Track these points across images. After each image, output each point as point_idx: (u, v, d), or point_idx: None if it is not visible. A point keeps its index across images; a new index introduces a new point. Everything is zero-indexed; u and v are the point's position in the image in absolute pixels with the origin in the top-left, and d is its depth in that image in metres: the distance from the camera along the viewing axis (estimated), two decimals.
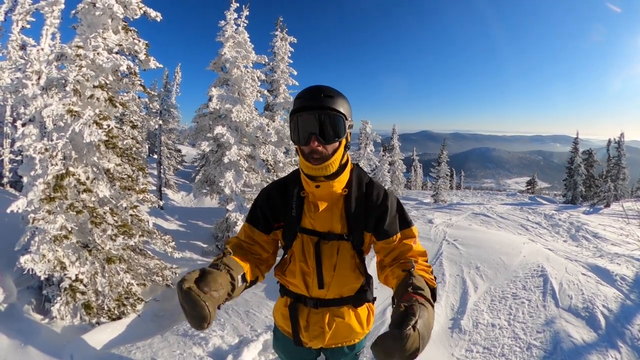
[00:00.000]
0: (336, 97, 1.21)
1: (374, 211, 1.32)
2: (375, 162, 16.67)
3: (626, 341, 3.05)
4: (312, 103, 1.19)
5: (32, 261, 4.19)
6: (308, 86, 1.26)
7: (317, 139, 1.19)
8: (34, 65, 4.64)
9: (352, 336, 1.43)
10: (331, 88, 1.23)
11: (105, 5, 4.90)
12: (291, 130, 1.26)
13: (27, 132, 4.35)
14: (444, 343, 3.29)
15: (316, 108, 1.19)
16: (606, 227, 9.57)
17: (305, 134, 1.20)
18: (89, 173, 4.87)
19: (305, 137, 1.20)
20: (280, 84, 11.36)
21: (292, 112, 1.24)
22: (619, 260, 5.30)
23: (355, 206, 1.30)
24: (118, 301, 4.76)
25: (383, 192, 1.35)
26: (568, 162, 21.62)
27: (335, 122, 1.20)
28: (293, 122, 1.24)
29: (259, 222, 1.38)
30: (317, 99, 1.19)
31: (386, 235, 1.30)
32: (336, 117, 1.20)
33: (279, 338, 1.53)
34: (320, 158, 1.21)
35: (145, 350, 3.26)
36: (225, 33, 8.37)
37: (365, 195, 1.33)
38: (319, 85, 1.24)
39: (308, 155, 1.22)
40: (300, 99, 1.22)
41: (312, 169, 1.22)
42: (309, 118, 1.19)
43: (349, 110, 1.25)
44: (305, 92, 1.23)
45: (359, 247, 1.33)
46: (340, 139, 1.22)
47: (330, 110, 1.19)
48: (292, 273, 1.37)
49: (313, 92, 1.21)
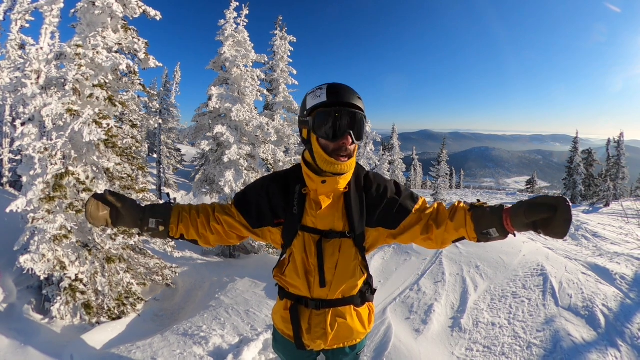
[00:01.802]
0: (362, 99, 1.25)
1: (376, 205, 1.32)
2: (375, 161, 16.68)
3: (626, 340, 3.06)
4: (351, 100, 1.20)
5: (31, 261, 4.18)
6: (333, 83, 1.24)
7: (351, 136, 1.19)
8: (33, 64, 4.62)
9: (353, 336, 1.42)
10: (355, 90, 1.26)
11: (104, 4, 4.88)
12: (320, 122, 1.20)
13: (27, 132, 4.34)
14: (444, 342, 3.29)
15: (354, 107, 1.20)
16: (606, 227, 9.58)
17: (341, 130, 1.19)
18: (88, 172, 4.86)
19: (340, 134, 1.19)
20: (280, 83, 11.34)
21: (326, 104, 1.19)
22: (619, 260, 5.31)
23: (355, 203, 1.30)
24: (118, 301, 4.76)
25: (382, 182, 1.35)
26: (568, 162, 21.66)
27: (364, 124, 1.24)
28: (325, 114, 1.19)
29: (251, 215, 1.35)
30: (352, 97, 1.20)
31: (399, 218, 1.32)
32: (364, 119, 1.23)
33: (279, 341, 1.52)
34: (347, 156, 1.22)
35: (146, 350, 3.26)
36: (225, 32, 8.35)
37: (365, 190, 1.33)
38: (347, 85, 1.24)
39: (334, 152, 1.21)
40: (335, 94, 1.20)
41: (335, 164, 1.20)
42: (348, 115, 1.19)
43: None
44: (337, 88, 1.21)
45: (360, 244, 1.32)
46: (362, 141, 1.26)
47: (362, 111, 1.22)
48: (293, 273, 1.35)
49: (347, 89, 1.22)
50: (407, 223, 1.33)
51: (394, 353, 2.99)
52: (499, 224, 1.15)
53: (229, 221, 1.35)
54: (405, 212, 1.32)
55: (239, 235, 1.39)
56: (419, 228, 1.32)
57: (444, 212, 1.32)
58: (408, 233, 1.34)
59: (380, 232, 1.36)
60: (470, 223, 1.22)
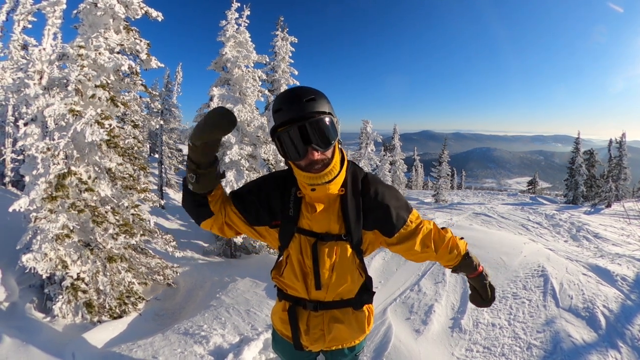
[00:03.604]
0: (317, 97, 1.11)
1: (373, 209, 1.29)
2: (376, 162, 16.66)
3: (626, 341, 3.05)
4: (297, 113, 1.08)
5: (34, 260, 4.21)
6: (281, 93, 1.15)
7: (314, 148, 1.10)
8: (36, 65, 4.65)
9: (352, 338, 1.42)
10: (307, 88, 1.13)
11: (106, 5, 4.91)
12: (281, 148, 1.14)
13: (29, 132, 4.37)
14: (444, 342, 3.29)
15: (303, 117, 1.08)
16: (607, 228, 9.55)
17: (300, 147, 1.10)
18: (90, 172, 4.89)
19: (302, 151, 1.11)
20: (281, 83, 11.34)
21: (275, 128, 1.13)
22: (620, 261, 5.29)
23: (352, 205, 1.26)
24: (119, 300, 4.78)
25: (380, 187, 1.31)
26: (569, 162, 21.59)
27: (327, 125, 1.11)
28: (281, 139, 1.12)
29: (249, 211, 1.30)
30: (300, 106, 1.08)
31: (396, 227, 1.31)
32: (325, 120, 1.10)
33: (278, 341, 1.51)
34: (323, 165, 1.14)
35: (147, 349, 3.27)
36: (227, 33, 8.38)
37: (362, 193, 1.29)
38: (295, 89, 1.14)
39: (308, 167, 1.14)
40: (281, 111, 1.10)
41: (316, 177, 1.14)
42: (299, 130, 1.08)
43: (330, 105, 1.15)
44: (283, 101, 1.11)
45: (357, 247, 1.30)
46: (335, 141, 1.14)
47: (318, 114, 1.09)
48: (290, 274, 1.34)
49: (292, 98, 1.10)
50: (402, 235, 1.32)
51: (393, 353, 2.99)
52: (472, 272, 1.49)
53: (230, 212, 1.31)
54: (402, 221, 1.31)
55: (237, 231, 1.34)
56: (415, 244, 1.34)
57: (442, 235, 1.40)
58: (403, 245, 1.33)
59: (377, 235, 1.34)
60: (458, 263, 1.44)
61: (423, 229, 1.35)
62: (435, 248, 1.37)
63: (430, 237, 1.37)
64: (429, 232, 1.37)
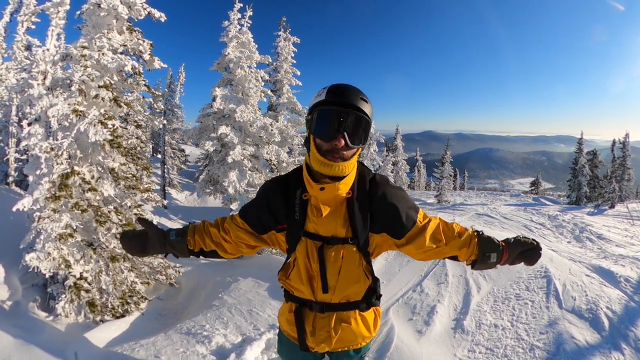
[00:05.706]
0: (369, 102, 1.17)
1: (382, 211, 1.28)
2: (378, 162, 16.65)
3: (630, 343, 3.03)
4: (351, 100, 1.13)
5: (37, 259, 4.23)
6: (340, 83, 1.19)
7: (344, 138, 1.13)
8: (40, 65, 4.68)
9: (358, 340, 1.41)
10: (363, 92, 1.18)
11: (110, 6, 4.93)
12: (316, 121, 1.16)
13: (33, 132, 4.39)
14: (446, 343, 3.29)
15: (352, 107, 1.13)
16: (610, 229, 9.50)
17: (334, 130, 1.13)
18: (93, 172, 4.91)
19: (333, 134, 1.13)
20: (284, 84, 11.35)
21: (322, 102, 1.15)
22: (623, 262, 5.27)
23: (359, 208, 1.26)
24: (122, 299, 4.79)
25: (388, 188, 1.31)
26: (572, 163, 21.45)
27: (365, 127, 1.16)
28: (323, 113, 1.15)
29: (254, 222, 1.36)
30: (354, 98, 1.13)
31: (406, 228, 1.30)
32: (367, 122, 1.16)
33: (284, 343, 1.51)
34: (341, 159, 1.16)
35: (149, 348, 3.28)
36: (229, 33, 8.39)
37: (369, 195, 1.28)
38: (353, 86, 1.18)
39: (327, 152, 1.16)
40: (333, 92, 1.14)
41: (327, 165, 1.15)
42: (343, 115, 1.12)
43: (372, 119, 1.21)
44: (340, 88, 1.15)
45: (364, 250, 1.30)
46: (363, 145, 1.18)
47: (364, 114, 1.14)
48: (297, 277, 1.34)
49: (350, 90, 1.15)
50: (412, 234, 1.31)
51: (396, 354, 2.99)
52: (499, 250, 1.33)
53: (235, 230, 1.37)
54: (411, 222, 1.30)
55: (247, 244, 1.40)
56: (425, 240, 1.30)
57: (451, 227, 1.36)
58: (413, 244, 1.32)
59: (385, 238, 1.33)
60: (475, 245, 1.33)
61: (431, 225, 1.33)
62: (447, 240, 1.33)
63: (439, 230, 1.34)
64: (437, 226, 1.34)
